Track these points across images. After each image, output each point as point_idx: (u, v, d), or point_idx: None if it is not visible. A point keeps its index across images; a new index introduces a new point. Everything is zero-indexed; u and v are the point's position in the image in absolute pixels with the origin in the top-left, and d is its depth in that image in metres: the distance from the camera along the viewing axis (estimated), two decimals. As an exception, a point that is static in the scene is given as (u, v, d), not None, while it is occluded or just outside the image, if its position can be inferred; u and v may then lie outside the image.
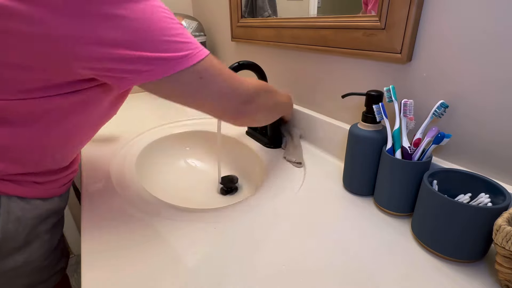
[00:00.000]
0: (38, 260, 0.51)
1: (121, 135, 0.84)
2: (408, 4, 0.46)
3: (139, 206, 0.53)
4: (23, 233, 0.47)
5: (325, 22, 0.63)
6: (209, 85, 0.42)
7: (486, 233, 0.37)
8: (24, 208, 0.47)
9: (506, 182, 0.42)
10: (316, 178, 0.61)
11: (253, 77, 0.75)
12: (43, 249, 0.52)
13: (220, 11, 1.10)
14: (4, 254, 0.46)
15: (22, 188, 0.46)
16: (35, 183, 0.48)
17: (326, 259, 0.41)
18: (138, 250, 0.43)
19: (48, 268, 0.55)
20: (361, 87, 0.61)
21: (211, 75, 0.42)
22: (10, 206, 0.45)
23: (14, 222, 0.46)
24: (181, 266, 0.40)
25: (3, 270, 0.47)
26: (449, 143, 0.48)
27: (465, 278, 0.38)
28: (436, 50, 0.46)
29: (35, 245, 0.50)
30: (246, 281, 0.38)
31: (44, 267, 0.53)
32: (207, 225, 0.48)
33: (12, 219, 0.45)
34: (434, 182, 0.45)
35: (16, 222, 0.46)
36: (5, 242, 0.45)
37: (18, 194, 0.46)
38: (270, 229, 0.47)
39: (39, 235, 0.50)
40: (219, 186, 0.76)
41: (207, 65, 0.41)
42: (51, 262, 0.55)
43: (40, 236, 0.50)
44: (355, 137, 0.52)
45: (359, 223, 0.48)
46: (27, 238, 0.48)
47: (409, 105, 0.46)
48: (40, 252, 0.51)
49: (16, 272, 0.48)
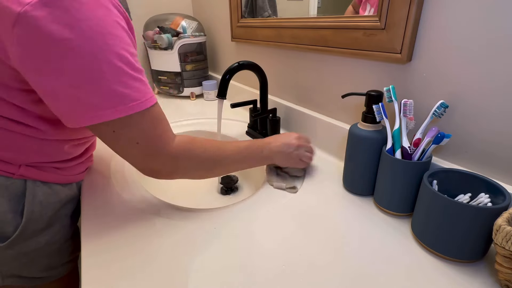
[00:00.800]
0: (58, 243, 0.55)
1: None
2: (408, 4, 0.46)
3: (139, 206, 0.53)
4: (46, 216, 0.51)
5: (325, 22, 0.63)
6: (120, 140, 0.42)
7: (486, 233, 0.37)
8: (46, 192, 0.50)
9: (506, 182, 0.42)
10: (316, 178, 0.61)
11: (254, 77, 0.75)
12: (63, 232, 0.55)
13: (220, 11, 1.11)
14: (28, 235, 0.49)
15: (45, 174, 0.50)
16: (56, 169, 0.51)
17: (326, 259, 0.41)
18: (138, 250, 0.43)
19: (67, 252, 0.58)
20: (361, 87, 0.61)
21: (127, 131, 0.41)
22: (35, 190, 0.49)
23: (38, 205, 0.49)
24: (180, 266, 0.40)
25: (26, 251, 0.50)
26: (449, 143, 0.48)
27: (465, 278, 0.38)
28: (436, 50, 0.46)
29: (56, 227, 0.53)
30: (246, 281, 0.38)
31: (63, 250, 0.57)
32: (207, 225, 0.48)
33: (36, 203, 0.49)
34: (434, 182, 0.45)
35: (40, 206, 0.49)
36: (29, 224, 0.48)
37: (42, 179, 0.49)
38: (270, 229, 0.47)
39: (60, 218, 0.54)
40: (219, 186, 0.76)
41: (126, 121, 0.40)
42: (68, 247, 0.57)
43: (61, 219, 0.54)
44: (355, 137, 0.52)
45: (359, 223, 0.48)
46: (50, 221, 0.52)
47: (409, 105, 0.46)
48: (60, 235, 0.55)
49: (38, 252, 0.51)
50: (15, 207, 0.47)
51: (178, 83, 1.19)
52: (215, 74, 1.28)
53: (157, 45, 1.12)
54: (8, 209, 0.46)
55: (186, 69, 1.17)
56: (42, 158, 0.49)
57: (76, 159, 0.55)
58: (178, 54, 1.12)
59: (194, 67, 1.18)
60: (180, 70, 1.16)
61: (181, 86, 1.20)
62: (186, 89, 1.20)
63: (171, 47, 1.11)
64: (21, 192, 0.47)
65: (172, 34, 1.11)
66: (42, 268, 0.54)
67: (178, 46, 1.11)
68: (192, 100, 1.21)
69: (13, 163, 0.46)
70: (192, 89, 1.21)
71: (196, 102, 1.19)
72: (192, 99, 1.22)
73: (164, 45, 1.10)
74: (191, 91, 1.21)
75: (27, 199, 0.48)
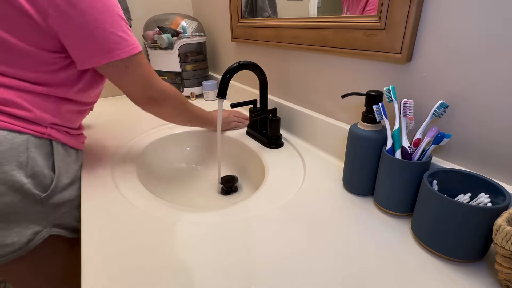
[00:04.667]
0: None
1: (122, 135, 0.84)
2: (408, 4, 0.46)
3: (139, 206, 0.53)
4: (68, 173, 0.59)
5: (325, 22, 0.63)
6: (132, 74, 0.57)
7: (486, 233, 0.37)
8: (63, 153, 0.59)
9: (506, 182, 0.42)
10: (316, 178, 0.61)
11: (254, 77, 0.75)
12: None
13: (220, 11, 1.11)
14: (61, 187, 0.57)
15: (63, 136, 0.58)
16: (67, 133, 0.60)
17: (326, 259, 0.41)
18: (138, 250, 0.43)
19: None
20: (361, 87, 0.61)
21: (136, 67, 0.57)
22: (59, 149, 0.57)
23: (62, 162, 0.58)
24: (180, 266, 0.40)
25: (63, 201, 0.58)
26: (449, 143, 0.48)
27: (465, 278, 0.38)
28: (436, 50, 0.46)
29: (77, 184, 0.61)
30: (246, 280, 0.38)
31: None
32: (207, 225, 0.48)
33: (60, 160, 0.57)
34: (434, 182, 0.45)
35: (63, 162, 0.58)
36: (60, 177, 0.57)
37: (61, 140, 0.58)
38: (270, 229, 0.47)
39: (78, 178, 0.63)
40: (219, 186, 0.76)
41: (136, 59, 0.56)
42: None
43: (79, 179, 0.63)
44: (355, 137, 0.52)
45: (359, 223, 0.48)
46: (73, 177, 0.61)
47: (409, 105, 0.47)
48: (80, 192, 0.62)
49: (71, 203, 0.60)
50: (48, 164, 0.55)
51: (178, 83, 1.19)
52: (215, 74, 1.28)
53: (157, 45, 1.12)
54: (44, 165, 0.54)
55: (186, 69, 1.17)
56: (59, 121, 0.57)
57: (77, 130, 0.64)
58: (178, 54, 1.12)
59: (194, 67, 1.18)
60: (180, 70, 1.16)
61: (181, 86, 1.20)
62: (186, 89, 1.20)
63: (171, 47, 1.11)
64: (50, 151, 0.56)
65: (172, 34, 1.11)
66: (78, 218, 0.61)
67: (178, 46, 1.11)
68: (192, 100, 1.21)
69: (42, 124, 0.54)
70: (192, 89, 1.21)
71: (196, 102, 1.19)
72: (192, 99, 1.22)
73: (164, 45, 1.10)
74: (191, 91, 1.21)
75: (55, 157, 0.56)
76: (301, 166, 0.67)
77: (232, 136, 0.84)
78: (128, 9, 1.20)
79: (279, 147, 0.76)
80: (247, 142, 0.80)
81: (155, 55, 1.18)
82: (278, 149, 0.75)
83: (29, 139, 0.52)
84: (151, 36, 1.14)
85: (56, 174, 0.56)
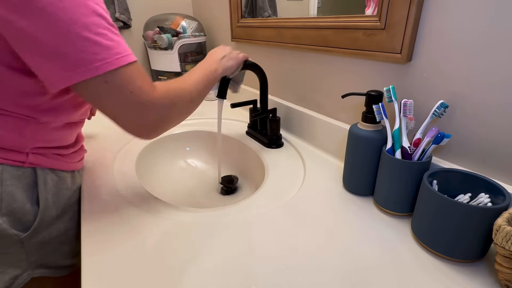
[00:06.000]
0: (75, 229, 0.56)
1: (122, 134, 0.84)
2: (408, 4, 0.46)
3: (139, 206, 0.53)
4: (58, 203, 0.51)
5: (325, 22, 0.63)
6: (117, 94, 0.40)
7: (486, 233, 0.37)
8: (54, 179, 0.51)
9: (506, 182, 0.42)
10: (316, 178, 0.61)
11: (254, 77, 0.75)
12: (77, 218, 0.56)
13: (220, 11, 1.11)
14: (48, 222, 0.50)
15: (50, 161, 0.50)
16: (58, 155, 0.52)
17: (326, 259, 0.41)
18: (137, 250, 0.43)
19: None
20: (361, 87, 0.61)
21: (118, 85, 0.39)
22: (45, 178, 0.49)
23: (50, 192, 0.50)
24: (180, 266, 0.40)
25: (49, 238, 0.51)
26: (449, 143, 0.48)
27: (465, 278, 0.38)
28: (436, 50, 0.46)
29: (70, 214, 0.54)
30: (245, 280, 0.38)
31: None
32: (207, 225, 0.48)
33: (48, 190, 0.49)
34: (434, 182, 0.45)
35: (51, 193, 0.50)
36: (46, 212, 0.49)
37: (49, 166, 0.50)
38: (270, 229, 0.47)
39: (71, 205, 0.55)
40: (219, 186, 0.76)
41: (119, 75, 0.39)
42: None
43: (72, 206, 0.55)
44: (355, 137, 0.52)
45: (359, 223, 0.48)
46: (64, 207, 0.53)
47: (409, 105, 0.47)
48: (74, 221, 0.56)
49: (59, 239, 0.53)
50: (30, 196, 0.48)
51: (178, 83, 1.19)
52: (215, 74, 1.28)
53: (157, 45, 1.12)
54: (25, 199, 0.47)
55: (186, 69, 1.17)
56: (44, 143, 0.49)
57: (71, 147, 0.55)
58: (178, 54, 1.12)
59: (194, 67, 1.18)
60: (180, 70, 1.16)
61: (181, 86, 1.20)
62: (186, 89, 1.20)
63: (171, 47, 1.11)
64: (33, 181, 0.48)
65: (172, 34, 1.11)
66: (66, 255, 0.55)
67: (178, 46, 1.11)
68: (192, 100, 1.21)
69: (21, 150, 0.46)
70: (192, 89, 1.21)
71: (196, 102, 1.19)
72: (192, 99, 1.22)
73: (164, 45, 1.10)
74: (191, 91, 1.21)
75: (39, 187, 0.48)
76: (301, 166, 0.67)
77: (232, 136, 0.84)
78: (128, 9, 1.20)
79: (279, 147, 0.76)
80: (247, 142, 0.80)
81: (155, 55, 1.18)
82: (278, 149, 0.75)
83: (4, 170, 0.44)
84: (151, 36, 1.14)
85: (40, 208, 0.48)
